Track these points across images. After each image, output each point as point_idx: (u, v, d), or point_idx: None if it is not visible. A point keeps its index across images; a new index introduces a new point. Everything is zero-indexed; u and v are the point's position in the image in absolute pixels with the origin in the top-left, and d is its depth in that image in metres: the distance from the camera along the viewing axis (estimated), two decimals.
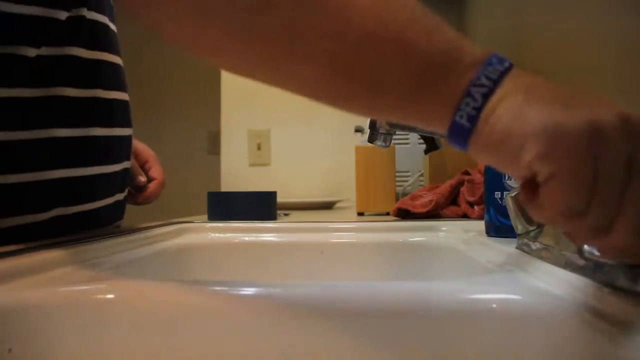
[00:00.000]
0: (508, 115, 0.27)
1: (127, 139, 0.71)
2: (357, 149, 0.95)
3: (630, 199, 0.25)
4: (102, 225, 0.65)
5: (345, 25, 0.31)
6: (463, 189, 0.81)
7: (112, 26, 0.64)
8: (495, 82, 0.28)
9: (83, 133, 0.61)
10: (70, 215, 0.60)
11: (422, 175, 1.23)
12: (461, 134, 0.28)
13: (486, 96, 0.27)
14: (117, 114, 0.66)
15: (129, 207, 0.77)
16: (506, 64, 0.29)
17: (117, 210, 0.70)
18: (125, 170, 0.71)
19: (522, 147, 0.26)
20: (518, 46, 0.98)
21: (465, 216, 0.79)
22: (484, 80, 0.28)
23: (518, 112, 0.26)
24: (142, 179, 0.76)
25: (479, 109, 0.27)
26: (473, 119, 0.28)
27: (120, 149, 0.68)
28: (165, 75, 2.54)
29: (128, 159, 0.72)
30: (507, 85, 0.28)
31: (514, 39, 1.01)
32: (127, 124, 0.70)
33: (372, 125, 0.49)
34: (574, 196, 0.25)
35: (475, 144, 0.28)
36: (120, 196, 0.71)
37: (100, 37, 0.60)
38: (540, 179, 0.26)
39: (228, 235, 0.72)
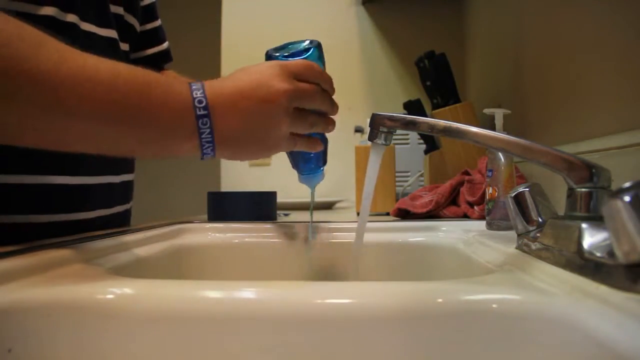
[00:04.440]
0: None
1: None
2: (357, 149, 0.95)
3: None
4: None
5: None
6: (463, 189, 0.81)
7: (87, 27, 0.61)
8: (212, 142, 0.44)
9: None
10: (69, 222, 0.60)
11: (422, 175, 1.23)
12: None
13: (214, 149, 0.44)
14: None
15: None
16: (205, 118, 0.43)
17: (116, 221, 0.70)
18: (126, 182, 0.72)
19: None
20: (518, 46, 0.98)
21: (465, 216, 0.79)
22: (206, 145, 0.44)
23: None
24: None
25: (213, 155, 0.45)
26: (213, 156, 0.45)
27: (118, 161, 0.69)
28: None
29: (129, 171, 0.73)
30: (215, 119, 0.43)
31: (513, 38, 1.01)
32: None
33: (373, 124, 0.49)
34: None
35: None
36: (120, 208, 0.71)
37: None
38: None
39: (228, 235, 0.72)
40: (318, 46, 0.55)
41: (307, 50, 0.54)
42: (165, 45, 0.82)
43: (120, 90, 0.38)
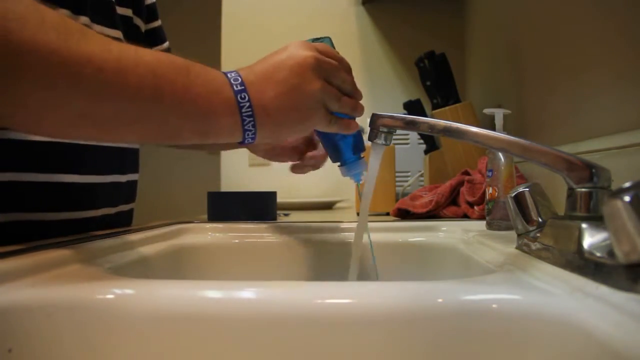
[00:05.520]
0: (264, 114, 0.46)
1: (133, 152, 0.72)
2: None
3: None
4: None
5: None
6: (463, 189, 0.81)
7: (98, 29, 0.62)
8: (253, 116, 0.45)
9: (97, 142, 0.62)
10: (74, 220, 0.61)
11: (422, 175, 1.24)
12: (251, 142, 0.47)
13: (255, 125, 0.45)
14: None
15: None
16: (243, 93, 0.44)
17: (120, 220, 0.70)
18: (131, 182, 0.72)
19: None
20: (518, 46, 0.98)
21: (465, 216, 0.79)
22: (247, 121, 0.45)
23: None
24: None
25: (254, 134, 0.46)
26: (254, 137, 0.46)
27: (125, 160, 0.69)
28: None
29: (135, 171, 0.73)
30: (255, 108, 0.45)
31: (513, 38, 1.01)
32: None
33: (373, 124, 0.49)
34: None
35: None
36: (125, 207, 0.72)
37: None
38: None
39: (228, 235, 0.72)
40: (330, 39, 0.58)
41: (319, 39, 0.57)
42: (166, 45, 0.82)
43: (163, 72, 0.40)
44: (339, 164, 0.61)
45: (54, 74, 0.34)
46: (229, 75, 0.45)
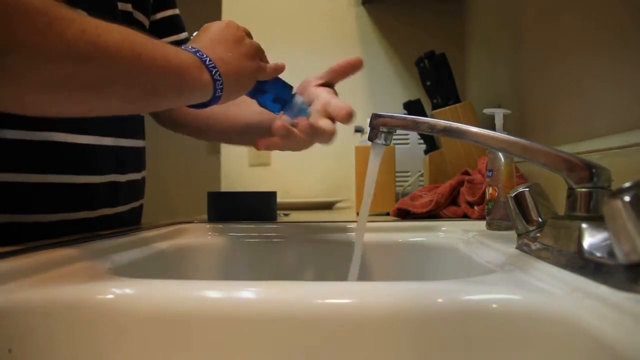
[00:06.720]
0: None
1: (137, 150, 0.72)
2: (357, 149, 0.95)
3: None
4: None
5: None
6: (463, 189, 0.81)
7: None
8: (216, 67, 0.50)
9: (96, 141, 0.62)
10: (72, 221, 0.61)
11: (422, 175, 1.24)
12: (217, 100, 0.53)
13: (221, 75, 0.51)
14: (130, 125, 0.68)
15: None
16: (200, 52, 0.50)
17: (121, 219, 0.71)
18: (133, 181, 0.73)
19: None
20: (518, 45, 0.98)
21: (465, 216, 0.79)
22: (214, 71, 0.50)
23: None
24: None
25: (222, 84, 0.51)
26: (222, 88, 0.51)
27: (123, 159, 0.70)
28: None
29: (137, 170, 0.74)
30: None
31: (513, 38, 1.01)
32: (139, 135, 0.72)
33: (373, 124, 0.49)
34: None
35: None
36: (125, 207, 0.72)
37: None
38: None
39: (228, 235, 0.72)
40: None
41: None
42: (182, 35, 0.79)
43: (135, 37, 0.43)
44: (282, 111, 0.63)
45: (42, 35, 0.35)
46: (181, 47, 0.50)
